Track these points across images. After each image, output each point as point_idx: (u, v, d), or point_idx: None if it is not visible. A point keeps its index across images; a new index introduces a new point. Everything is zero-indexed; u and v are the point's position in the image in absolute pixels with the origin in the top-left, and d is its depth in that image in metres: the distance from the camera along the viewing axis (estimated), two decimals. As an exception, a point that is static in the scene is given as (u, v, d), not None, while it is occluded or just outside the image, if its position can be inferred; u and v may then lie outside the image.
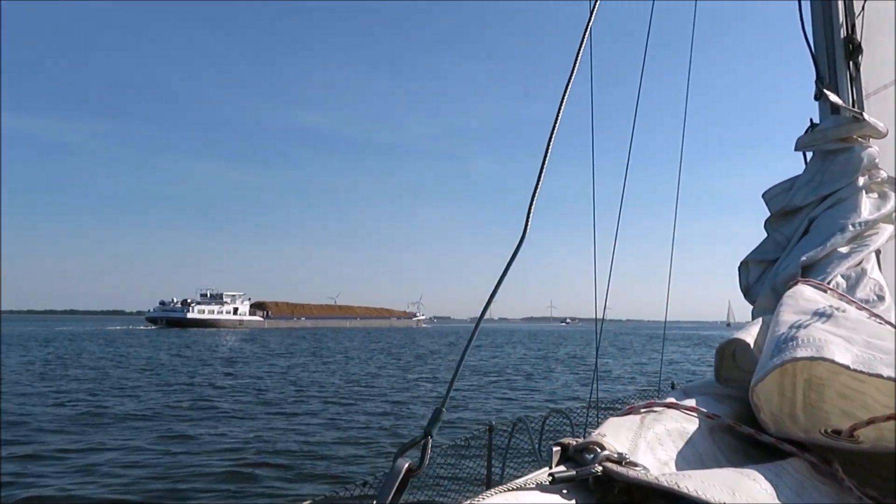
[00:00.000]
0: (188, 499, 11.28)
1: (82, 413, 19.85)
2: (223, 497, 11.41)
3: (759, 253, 2.54)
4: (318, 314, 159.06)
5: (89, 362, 40.57)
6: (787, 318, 1.41)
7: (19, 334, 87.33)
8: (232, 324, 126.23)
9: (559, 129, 1.51)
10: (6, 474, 12.48)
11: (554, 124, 1.52)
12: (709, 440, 1.22)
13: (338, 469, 13.16)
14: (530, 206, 1.43)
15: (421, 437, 1.08)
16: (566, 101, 1.57)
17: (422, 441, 1.08)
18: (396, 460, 1.02)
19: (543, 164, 1.47)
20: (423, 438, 1.08)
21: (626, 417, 1.21)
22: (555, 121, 1.53)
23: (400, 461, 1.01)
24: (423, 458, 1.04)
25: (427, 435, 1.09)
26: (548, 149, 1.50)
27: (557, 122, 1.53)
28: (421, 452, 1.06)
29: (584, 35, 1.66)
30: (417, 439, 1.08)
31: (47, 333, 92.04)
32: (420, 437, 1.08)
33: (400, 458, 1.02)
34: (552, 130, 1.51)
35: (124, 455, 14.13)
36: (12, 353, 48.50)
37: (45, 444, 15.25)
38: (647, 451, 1.09)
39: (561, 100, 1.57)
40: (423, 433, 1.09)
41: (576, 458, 1.01)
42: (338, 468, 13.25)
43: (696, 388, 1.53)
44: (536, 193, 1.44)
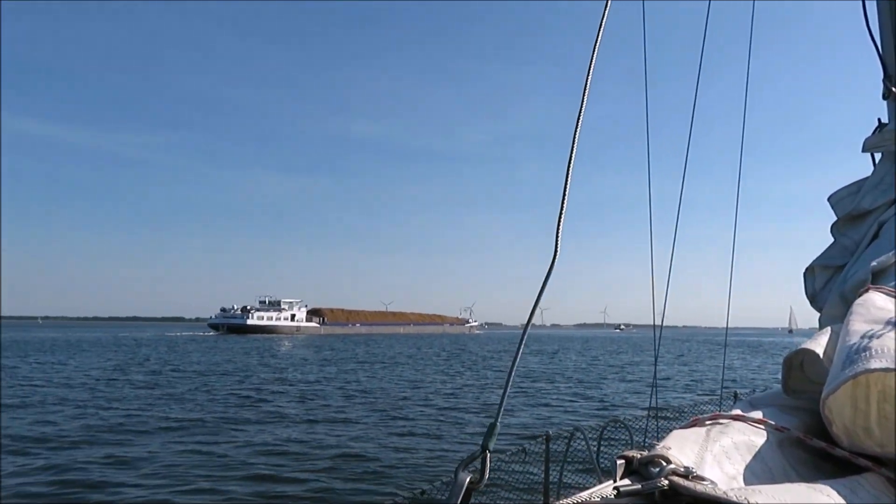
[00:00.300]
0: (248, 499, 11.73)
1: (190, 417, 21.13)
2: (267, 499, 11.74)
3: (825, 258, 2.44)
4: (372, 320, 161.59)
5: (183, 366, 43.22)
6: (858, 327, 1.36)
7: (95, 339, 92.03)
8: (289, 330, 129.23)
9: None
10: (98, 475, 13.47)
11: (575, 131, 1.50)
12: (778, 454, 1.19)
13: (395, 474, 13.45)
14: (560, 216, 1.42)
15: (479, 452, 1.10)
16: (584, 107, 1.55)
17: (480, 455, 1.10)
18: (458, 474, 1.03)
19: (569, 171, 1.46)
20: (481, 453, 1.10)
21: (691, 430, 1.19)
22: (575, 127, 1.51)
23: (462, 475, 1.03)
24: (482, 471, 1.06)
25: (485, 449, 1.11)
26: (571, 155, 1.48)
27: (578, 128, 1.51)
28: (480, 466, 1.08)
29: (598, 34, 1.63)
30: (476, 454, 1.10)
31: (119, 339, 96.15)
32: (478, 452, 1.10)
33: (462, 472, 1.03)
34: (574, 136, 1.50)
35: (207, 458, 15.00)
36: (108, 355, 53.19)
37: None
38: (713, 464, 1.08)
39: (580, 107, 1.55)
40: (481, 448, 1.11)
41: (641, 472, 1.01)
42: (395, 473, 13.51)
43: (762, 399, 1.50)
44: (565, 203, 1.43)
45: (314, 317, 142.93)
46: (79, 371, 38.38)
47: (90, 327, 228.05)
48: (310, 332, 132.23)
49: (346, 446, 16.24)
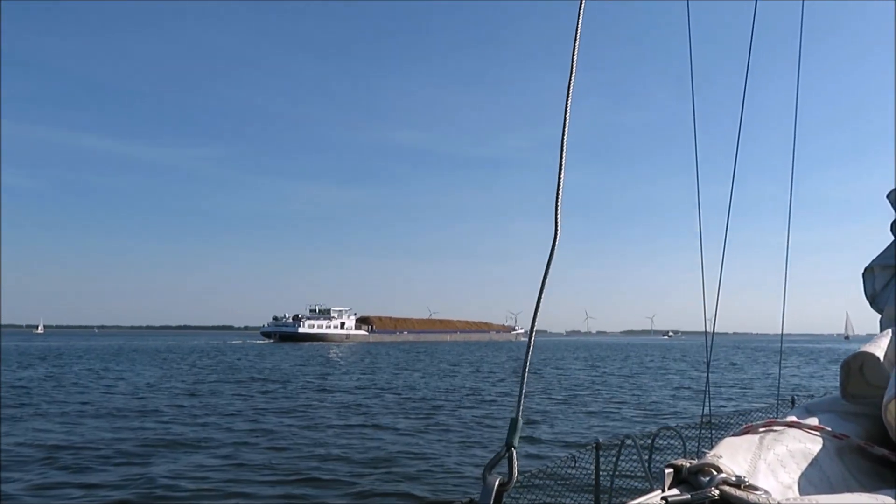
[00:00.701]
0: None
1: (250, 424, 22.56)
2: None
3: (885, 258, 2.38)
4: (420, 328, 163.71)
5: (249, 371, 45.10)
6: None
7: (156, 348, 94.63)
8: (339, 338, 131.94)
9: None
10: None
11: (563, 129, 1.48)
12: (837, 462, 1.15)
13: (438, 481, 13.76)
14: (557, 201, 1.42)
15: (504, 451, 1.07)
16: (570, 106, 1.54)
17: (506, 454, 1.07)
18: (486, 478, 1.00)
19: (561, 167, 1.43)
20: (506, 452, 1.07)
21: (744, 437, 1.16)
22: (563, 125, 1.48)
23: (490, 478, 1.00)
24: (510, 471, 1.03)
25: (509, 447, 1.07)
26: (562, 153, 1.45)
27: (566, 127, 1.49)
28: (508, 466, 1.04)
29: (576, 33, 1.62)
30: (501, 454, 1.07)
31: (183, 347, 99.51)
32: (503, 451, 1.07)
33: (489, 475, 1.00)
34: (563, 135, 1.47)
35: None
36: (183, 362, 55.58)
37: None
38: (767, 473, 1.05)
39: (565, 104, 1.53)
40: (505, 446, 1.08)
41: (690, 481, 0.98)
42: (441, 479, 13.88)
43: (819, 405, 1.45)
44: (561, 182, 1.41)
45: (363, 325, 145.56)
46: (206, 379, 39.63)
47: (146, 335, 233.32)
48: (359, 340, 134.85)
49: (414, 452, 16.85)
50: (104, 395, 29.74)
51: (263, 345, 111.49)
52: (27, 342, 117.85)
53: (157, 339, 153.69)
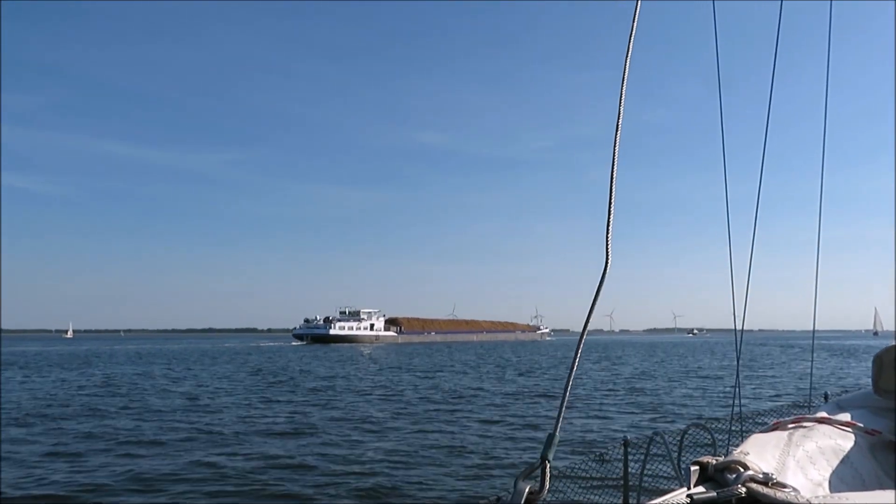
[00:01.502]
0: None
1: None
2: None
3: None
4: (447, 329, 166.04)
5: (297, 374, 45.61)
6: None
7: (194, 350, 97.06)
8: (369, 339, 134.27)
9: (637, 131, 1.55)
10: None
11: (616, 131, 1.47)
12: (869, 458, 1.13)
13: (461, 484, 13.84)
14: (607, 231, 1.43)
15: (538, 463, 1.09)
16: (623, 104, 1.51)
17: (539, 466, 1.09)
18: (517, 485, 1.02)
19: (613, 170, 1.44)
20: (540, 464, 1.09)
21: (772, 434, 1.16)
22: (616, 127, 1.47)
23: (521, 485, 1.01)
24: (542, 482, 1.04)
25: (544, 460, 1.09)
26: (614, 157, 1.45)
27: (619, 129, 1.47)
28: (541, 477, 1.06)
29: (631, 32, 1.60)
30: (535, 465, 1.09)
31: (222, 350, 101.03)
32: (538, 463, 1.09)
33: (520, 483, 1.02)
34: (616, 136, 1.46)
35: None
36: (229, 364, 56.90)
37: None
38: (796, 470, 1.04)
39: (619, 102, 1.52)
40: (540, 458, 1.10)
41: (716, 479, 0.98)
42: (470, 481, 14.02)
43: (850, 400, 1.43)
44: (612, 207, 1.42)
45: (392, 326, 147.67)
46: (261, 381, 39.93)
47: (172, 338, 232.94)
48: (388, 341, 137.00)
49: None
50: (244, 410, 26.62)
51: (297, 346, 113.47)
52: (70, 346, 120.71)
53: (188, 343, 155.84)
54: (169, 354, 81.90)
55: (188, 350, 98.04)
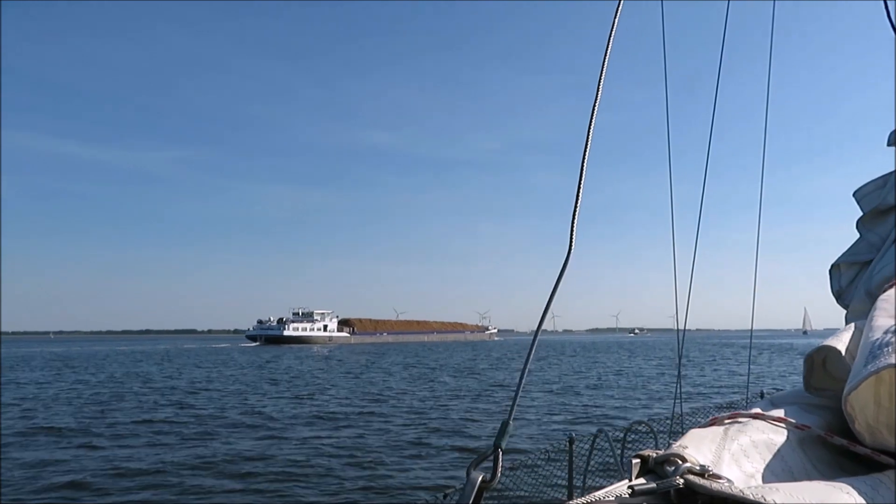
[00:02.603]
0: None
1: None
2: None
3: (851, 255, 2.42)
4: (398, 329, 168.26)
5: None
6: (881, 322, 1.35)
7: (142, 351, 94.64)
8: (322, 340, 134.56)
9: (605, 135, 1.60)
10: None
11: (588, 132, 1.48)
12: (799, 452, 1.18)
13: (416, 476, 14.15)
14: (573, 217, 1.40)
15: (491, 451, 1.09)
16: (597, 108, 1.53)
17: (492, 454, 1.08)
18: (470, 474, 1.02)
19: (582, 172, 1.43)
20: (493, 451, 1.09)
21: (709, 429, 1.19)
22: (588, 128, 1.48)
23: (474, 474, 1.01)
24: (494, 470, 1.04)
25: (497, 448, 1.09)
26: (584, 160, 1.46)
27: (591, 130, 1.48)
28: (493, 465, 1.06)
29: (610, 35, 1.62)
30: (488, 452, 1.08)
31: (182, 351, 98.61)
32: (490, 451, 1.09)
33: (473, 472, 1.02)
34: (587, 139, 1.47)
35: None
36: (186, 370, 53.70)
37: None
38: (731, 463, 1.08)
39: (593, 105, 1.54)
40: (493, 446, 1.10)
41: (656, 471, 1.01)
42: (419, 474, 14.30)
43: (783, 397, 1.49)
44: (579, 202, 1.40)
45: (344, 327, 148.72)
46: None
47: (108, 341, 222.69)
48: (341, 342, 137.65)
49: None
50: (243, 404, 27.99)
51: (253, 347, 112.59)
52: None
53: (133, 344, 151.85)
54: (109, 357, 79.19)
55: (138, 353, 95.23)
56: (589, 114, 1.52)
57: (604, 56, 1.59)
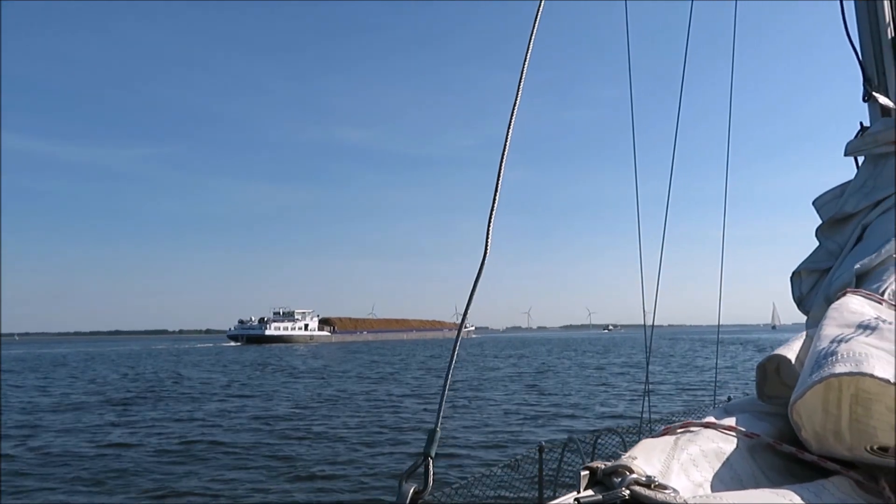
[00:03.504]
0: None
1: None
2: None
3: (811, 262, 2.45)
4: (378, 328, 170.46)
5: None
6: (829, 331, 1.36)
7: (128, 353, 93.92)
8: (304, 339, 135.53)
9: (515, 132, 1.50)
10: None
11: (508, 128, 1.50)
12: (748, 460, 1.19)
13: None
14: (490, 220, 1.42)
15: (421, 461, 1.08)
16: (518, 105, 1.55)
17: (422, 464, 1.08)
18: (402, 485, 1.01)
19: (500, 169, 1.46)
20: (423, 461, 1.08)
21: (661, 438, 1.20)
22: (509, 124, 1.50)
23: (405, 486, 1.00)
24: (426, 480, 1.03)
25: (426, 456, 1.08)
26: (503, 154, 1.48)
27: (511, 126, 1.51)
28: (424, 475, 1.05)
29: (531, 34, 1.62)
30: (418, 463, 1.08)
31: (148, 351, 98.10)
32: (420, 461, 1.08)
33: (405, 483, 1.01)
34: (507, 133, 1.49)
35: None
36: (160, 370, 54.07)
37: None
38: (680, 473, 1.08)
39: (514, 103, 1.55)
40: (423, 455, 1.09)
41: (604, 482, 1.00)
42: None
43: (737, 406, 1.50)
44: (495, 205, 1.43)
45: (325, 326, 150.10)
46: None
47: (77, 342, 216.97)
48: (322, 341, 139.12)
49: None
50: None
51: (236, 347, 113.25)
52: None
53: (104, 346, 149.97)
54: (95, 359, 79.09)
55: (117, 353, 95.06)
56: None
57: (524, 57, 1.61)
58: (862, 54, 2.77)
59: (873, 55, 2.76)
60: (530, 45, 1.59)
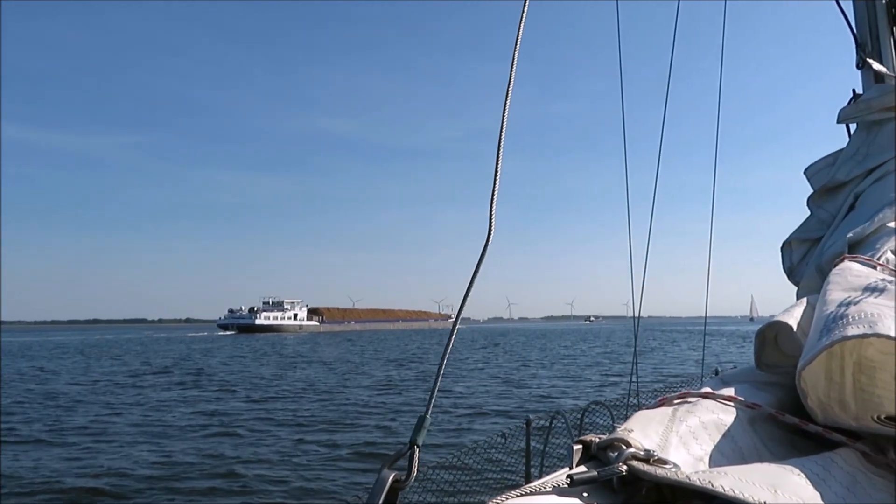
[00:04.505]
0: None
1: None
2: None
3: (802, 231, 2.42)
4: (366, 318, 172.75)
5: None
6: (835, 295, 1.31)
7: (126, 342, 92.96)
8: (293, 329, 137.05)
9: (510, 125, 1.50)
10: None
11: (502, 120, 1.49)
12: (749, 432, 1.14)
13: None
14: (492, 202, 1.39)
15: (407, 448, 1.03)
16: (511, 93, 1.54)
17: (408, 452, 1.03)
18: (382, 472, 0.97)
19: (498, 159, 1.44)
20: (409, 449, 1.03)
21: (657, 410, 1.15)
22: (503, 115, 1.49)
23: (385, 473, 0.96)
24: (410, 468, 0.99)
25: (413, 445, 1.04)
26: (500, 145, 1.46)
27: (505, 117, 1.50)
28: (408, 463, 1.01)
29: (519, 26, 1.61)
30: (403, 450, 1.03)
31: (144, 340, 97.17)
32: (406, 448, 1.03)
33: (385, 470, 0.97)
34: (501, 125, 1.48)
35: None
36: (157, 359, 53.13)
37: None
38: (679, 446, 1.03)
39: (506, 94, 1.53)
40: (409, 443, 1.04)
41: (599, 457, 0.95)
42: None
43: (734, 376, 1.45)
44: (496, 187, 1.40)
45: (314, 315, 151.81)
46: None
47: (54, 331, 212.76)
48: (311, 330, 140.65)
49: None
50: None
51: (227, 336, 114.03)
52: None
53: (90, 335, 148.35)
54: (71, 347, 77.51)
55: (118, 342, 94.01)
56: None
57: (515, 43, 1.59)
58: (856, 19, 2.79)
59: (868, 20, 2.75)
60: (520, 34, 1.60)
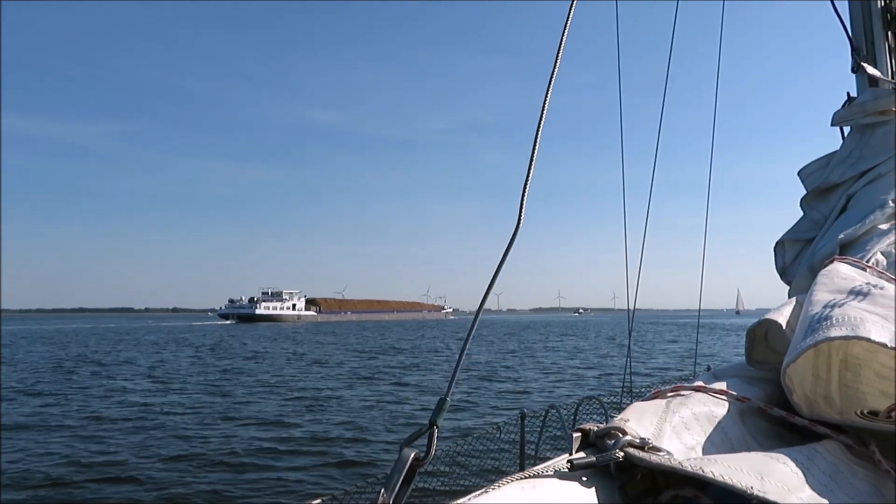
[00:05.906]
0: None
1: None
2: (235, 485, 11.27)
3: (795, 232, 2.49)
4: (361, 308, 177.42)
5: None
6: (821, 297, 1.38)
7: (128, 330, 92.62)
8: (291, 318, 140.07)
9: (552, 116, 1.48)
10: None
11: (541, 113, 1.51)
12: (739, 424, 1.21)
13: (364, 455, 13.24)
14: (523, 195, 1.41)
15: (426, 428, 1.07)
16: (552, 87, 1.58)
17: (427, 431, 1.07)
18: (402, 450, 1.00)
19: (534, 152, 1.46)
20: (428, 429, 1.07)
21: (652, 402, 1.21)
22: (542, 109, 1.52)
23: (406, 451, 1.00)
24: (429, 448, 1.03)
25: (432, 425, 1.08)
26: (536, 137, 1.48)
27: (545, 110, 1.52)
28: (427, 443, 1.04)
29: (566, 21, 1.64)
30: (423, 430, 1.07)
31: (149, 329, 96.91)
32: (426, 428, 1.07)
33: (406, 449, 1.00)
34: (540, 119, 1.50)
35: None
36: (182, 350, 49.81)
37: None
38: (672, 435, 1.09)
39: (547, 86, 1.59)
40: (429, 423, 1.08)
41: (597, 444, 1.02)
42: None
43: (726, 370, 1.53)
44: (529, 180, 1.42)
45: (311, 306, 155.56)
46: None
47: (41, 320, 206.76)
48: (308, 320, 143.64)
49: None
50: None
51: (229, 326, 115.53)
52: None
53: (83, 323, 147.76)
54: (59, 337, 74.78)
55: (122, 329, 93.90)
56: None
57: (561, 35, 1.60)
58: (852, 24, 2.83)
59: (863, 25, 2.81)
60: (565, 31, 1.62)
